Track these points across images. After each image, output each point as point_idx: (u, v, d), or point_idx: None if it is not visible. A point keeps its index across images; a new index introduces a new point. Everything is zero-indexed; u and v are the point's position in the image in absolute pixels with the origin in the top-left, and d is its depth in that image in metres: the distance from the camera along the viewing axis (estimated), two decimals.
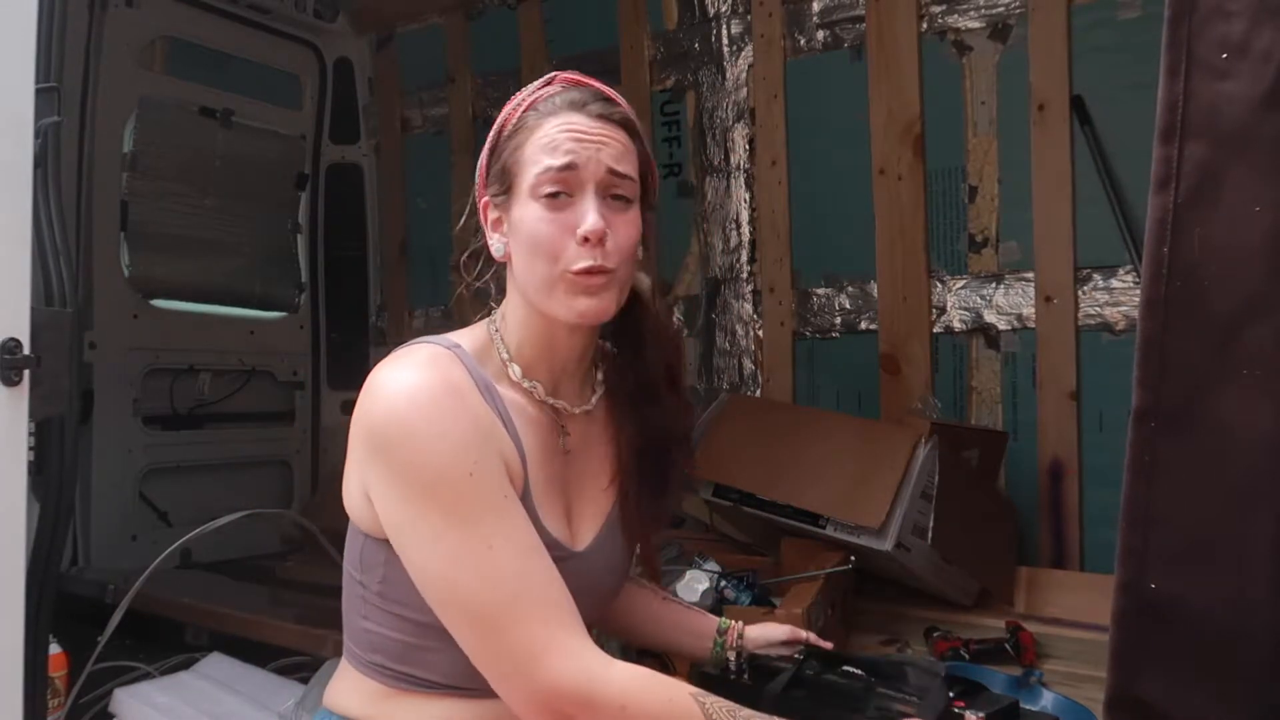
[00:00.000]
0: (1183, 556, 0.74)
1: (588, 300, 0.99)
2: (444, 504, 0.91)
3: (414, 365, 0.97)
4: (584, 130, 1.01)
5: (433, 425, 0.92)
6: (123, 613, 1.91)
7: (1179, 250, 0.74)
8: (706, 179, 2.84)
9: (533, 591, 0.91)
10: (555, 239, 0.99)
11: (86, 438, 2.70)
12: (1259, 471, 0.71)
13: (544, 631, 0.90)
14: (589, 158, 1.00)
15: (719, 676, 1.25)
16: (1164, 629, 0.74)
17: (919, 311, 2.46)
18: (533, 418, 1.05)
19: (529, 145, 1.02)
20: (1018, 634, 1.77)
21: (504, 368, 1.06)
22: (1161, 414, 0.74)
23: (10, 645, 1.18)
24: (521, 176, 1.02)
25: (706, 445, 2.20)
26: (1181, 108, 0.74)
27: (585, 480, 1.10)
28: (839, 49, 2.61)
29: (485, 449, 0.95)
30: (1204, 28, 0.74)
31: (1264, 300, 0.71)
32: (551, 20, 3.12)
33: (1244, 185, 0.72)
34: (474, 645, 0.92)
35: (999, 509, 2.19)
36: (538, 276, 1.00)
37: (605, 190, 1.01)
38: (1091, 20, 2.21)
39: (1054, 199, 2.26)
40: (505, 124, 1.06)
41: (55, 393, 1.24)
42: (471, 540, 0.91)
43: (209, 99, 3.12)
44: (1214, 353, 0.72)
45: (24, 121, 1.20)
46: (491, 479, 0.94)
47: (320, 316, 3.47)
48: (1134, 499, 0.76)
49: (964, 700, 1.08)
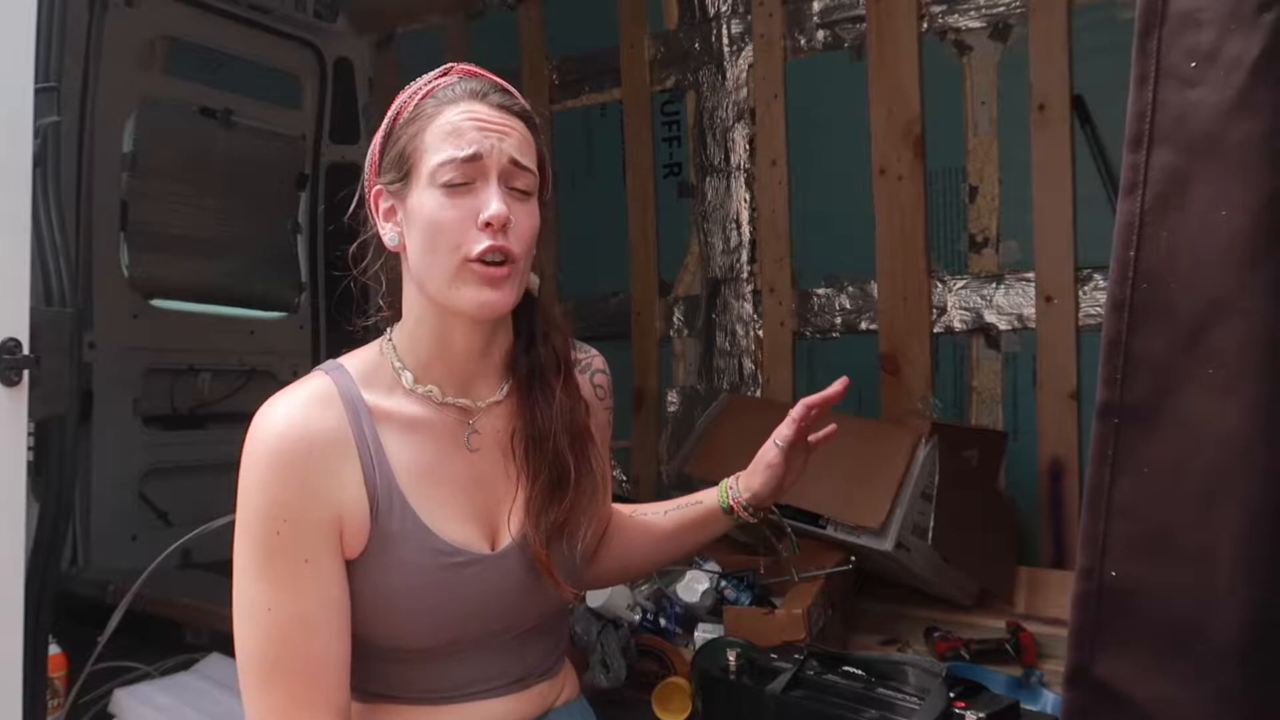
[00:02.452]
0: (1143, 546, 0.76)
1: (490, 292, 0.98)
2: (248, 552, 0.95)
3: (282, 408, 0.99)
4: (486, 119, 1.00)
5: (259, 475, 0.95)
6: (122, 613, 1.91)
7: (1145, 254, 0.76)
8: (706, 179, 2.84)
9: (293, 662, 0.93)
10: (457, 226, 0.97)
11: (86, 438, 2.69)
12: (1221, 467, 0.72)
13: (285, 703, 0.93)
14: (492, 147, 0.98)
15: (719, 676, 1.25)
16: (1123, 614, 0.76)
17: (919, 311, 2.46)
18: (426, 422, 1.04)
19: (429, 132, 1.00)
20: (1018, 634, 1.77)
21: (396, 378, 1.05)
22: (1125, 410, 0.76)
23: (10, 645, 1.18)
24: (420, 164, 0.99)
25: (706, 445, 2.20)
26: (1150, 115, 0.76)
27: (501, 478, 1.07)
28: (839, 49, 2.61)
29: (305, 508, 0.94)
30: (1174, 37, 0.75)
31: (1229, 302, 0.72)
32: (551, 20, 3.12)
33: (1210, 190, 0.73)
34: (240, 684, 0.95)
35: (999, 509, 2.19)
36: (438, 266, 0.99)
37: (506, 180, 0.99)
38: (1091, 20, 2.21)
39: (1054, 199, 2.26)
40: (401, 111, 1.04)
41: (55, 393, 1.24)
42: (259, 595, 0.94)
43: (209, 99, 3.11)
44: (1179, 352, 0.74)
45: (24, 121, 1.21)
46: (298, 542, 0.94)
47: (320, 316, 3.47)
48: (1096, 490, 0.77)
49: (964, 700, 1.08)
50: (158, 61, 3.06)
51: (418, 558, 0.99)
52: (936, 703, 1.06)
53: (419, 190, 1.00)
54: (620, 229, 2.96)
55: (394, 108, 1.06)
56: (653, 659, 1.65)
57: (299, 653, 0.93)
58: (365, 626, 0.98)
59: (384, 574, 0.98)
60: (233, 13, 3.10)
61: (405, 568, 0.99)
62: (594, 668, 1.55)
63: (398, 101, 1.06)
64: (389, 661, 1.03)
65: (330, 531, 0.96)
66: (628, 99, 2.97)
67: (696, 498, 1.29)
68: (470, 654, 1.04)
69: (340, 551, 0.97)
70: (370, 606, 0.98)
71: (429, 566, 0.99)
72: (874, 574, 2.03)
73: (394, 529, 0.98)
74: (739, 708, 1.22)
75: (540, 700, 1.10)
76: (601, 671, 1.54)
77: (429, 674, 1.03)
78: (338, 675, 0.95)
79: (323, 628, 0.94)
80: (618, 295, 3.00)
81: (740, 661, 1.25)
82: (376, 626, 0.99)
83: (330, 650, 0.94)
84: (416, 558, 0.99)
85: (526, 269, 1.03)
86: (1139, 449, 0.76)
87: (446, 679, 1.04)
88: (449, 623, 1.01)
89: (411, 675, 1.03)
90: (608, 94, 3.00)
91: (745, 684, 1.22)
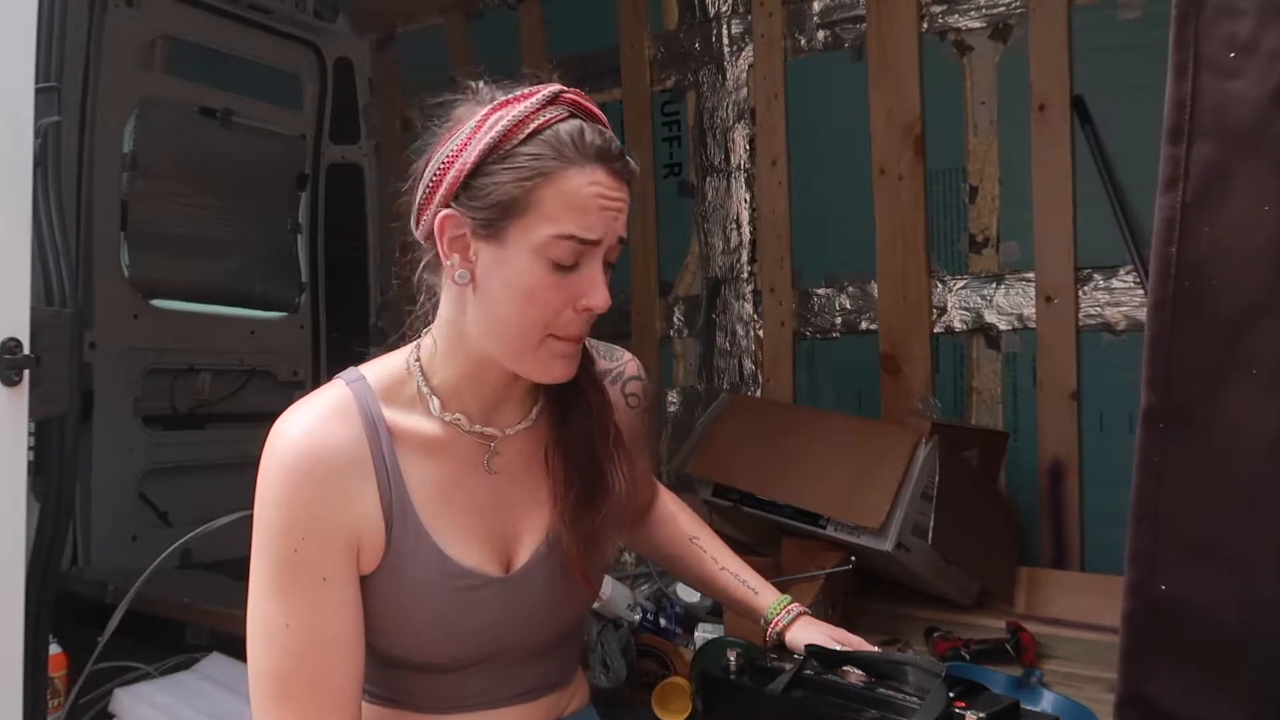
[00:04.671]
0: (1191, 556, 0.74)
1: (563, 365, 0.98)
2: (266, 568, 0.93)
3: (300, 422, 0.96)
4: (611, 196, 0.94)
5: (277, 492, 0.93)
6: (123, 613, 1.91)
7: (1186, 250, 0.73)
8: (707, 179, 2.84)
9: (308, 679, 0.92)
10: (555, 305, 0.95)
11: (86, 438, 2.69)
12: (1267, 470, 0.71)
13: (294, 718, 0.91)
14: (610, 230, 0.94)
15: (719, 676, 1.24)
16: (1172, 629, 0.74)
17: (919, 311, 2.46)
18: (446, 444, 1.02)
19: (548, 192, 0.92)
20: (1018, 634, 1.77)
21: (419, 399, 1.03)
22: (1169, 414, 0.74)
23: (10, 645, 1.18)
24: (530, 223, 0.92)
25: (706, 445, 2.20)
26: (1189, 107, 0.74)
27: (523, 499, 1.06)
28: (839, 49, 2.60)
29: (323, 525, 0.93)
30: (1211, 27, 0.73)
31: (1272, 299, 0.71)
32: (552, 20, 3.12)
33: (1252, 184, 0.72)
34: (253, 700, 0.94)
35: (999, 509, 2.19)
36: (517, 334, 0.96)
37: (608, 257, 0.97)
38: (1092, 20, 2.21)
39: (1054, 199, 2.26)
40: (502, 142, 0.93)
41: (55, 393, 1.24)
42: (275, 611, 0.93)
43: (209, 99, 3.11)
44: (1222, 352, 0.72)
45: (24, 121, 1.21)
46: (315, 559, 0.93)
47: (320, 316, 3.47)
48: (1143, 499, 0.76)
49: (964, 700, 1.08)
50: (158, 61, 3.06)
51: (429, 578, 0.98)
52: (936, 702, 1.06)
53: (518, 249, 0.93)
54: None
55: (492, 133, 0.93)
56: (653, 659, 1.65)
57: (315, 669, 0.92)
58: (375, 639, 0.98)
59: (395, 592, 0.98)
60: (233, 13, 3.10)
61: (416, 587, 0.98)
62: (594, 668, 1.55)
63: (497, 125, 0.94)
64: (398, 670, 1.03)
65: (348, 548, 0.95)
66: (628, 99, 2.97)
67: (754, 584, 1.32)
68: (481, 669, 1.03)
69: (356, 568, 0.96)
70: (380, 621, 0.98)
71: (440, 587, 0.99)
72: (874, 574, 2.03)
73: (407, 549, 0.98)
74: (739, 708, 1.21)
75: (549, 710, 1.10)
76: (601, 671, 1.54)
77: (438, 684, 1.03)
78: (352, 692, 0.95)
79: (339, 644, 0.94)
80: (618, 295, 2.99)
81: (740, 661, 1.24)
82: (386, 640, 0.99)
83: (346, 667, 0.94)
84: (427, 578, 0.98)
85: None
86: (1184, 455, 0.74)
87: (456, 690, 1.04)
88: (458, 641, 1.00)
89: (420, 685, 1.03)
90: (608, 94, 3.00)
91: (745, 684, 1.22)
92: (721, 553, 1.35)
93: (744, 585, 1.32)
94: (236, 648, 2.01)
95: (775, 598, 1.31)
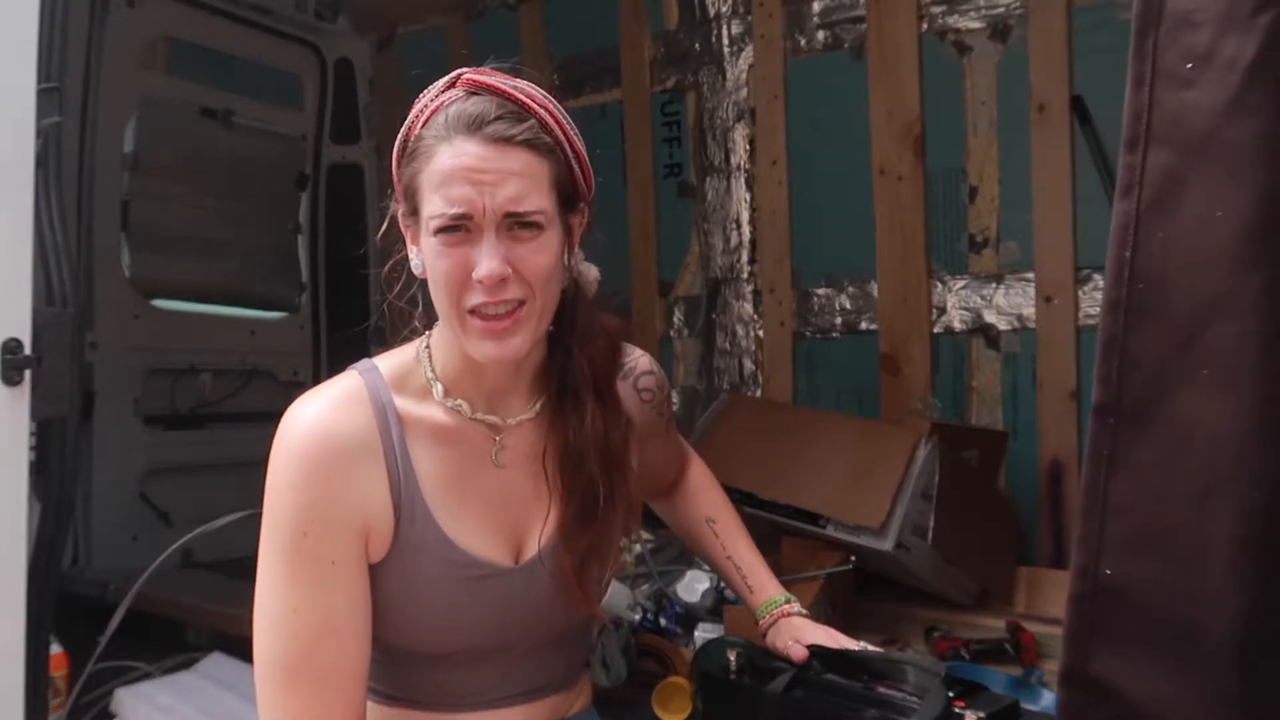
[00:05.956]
0: (1138, 546, 0.76)
1: (493, 345, 0.96)
2: (276, 553, 0.94)
3: (312, 409, 0.97)
4: (478, 166, 0.91)
5: (289, 477, 0.94)
6: (123, 613, 1.91)
7: (1141, 254, 0.76)
8: (707, 179, 2.84)
9: (317, 665, 0.92)
10: (453, 277, 0.94)
11: (87, 438, 2.69)
12: (1215, 467, 0.72)
13: (306, 704, 0.92)
14: (484, 204, 0.91)
15: (719, 676, 1.25)
16: (1116, 613, 0.77)
17: (919, 312, 2.46)
18: (453, 433, 1.03)
19: (425, 175, 0.94)
20: (1018, 634, 1.77)
21: (428, 387, 1.04)
22: (1120, 410, 0.77)
23: (11, 645, 1.18)
24: (421, 207, 0.95)
25: (706, 445, 2.20)
26: (1146, 116, 0.76)
27: (530, 493, 1.06)
28: (839, 49, 2.61)
29: (333, 510, 0.94)
30: (1170, 38, 0.76)
31: (1225, 302, 0.72)
32: (552, 21, 3.12)
33: (1207, 191, 0.73)
34: (255, 685, 0.94)
35: (999, 509, 2.19)
36: (444, 314, 0.98)
37: (506, 229, 0.93)
38: (1091, 21, 2.21)
39: (1054, 199, 2.26)
40: (410, 133, 0.98)
41: (56, 393, 1.24)
42: (284, 596, 0.93)
43: (210, 99, 3.11)
44: (1175, 352, 0.74)
45: (25, 122, 1.21)
46: (325, 544, 0.93)
47: (320, 316, 3.47)
48: (1091, 489, 0.78)
49: (964, 700, 1.08)
50: (158, 62, 3.06)
51: (437, 568, 0.99)
52: (936, 702, 1.06)
53: (425, 233, 0.96)
54: (620, 229, 2.96)
55: (406, 123, 0.99)
56: (653, 659, 1.65)
57: (324, 655, 0.93)
58: (382, 629, 0.98)
59: (403, 580, 0.98)
60: (233, 13, 3.10)
61: (424, 577, 0.98)
62: (594, 668, 1.55)
63: (410, 115, 0.99)
64: (404, 665, 1.03)
65: (357, 534, 0.96)
66: (628, 99, 2.97)
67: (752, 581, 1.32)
68: (487, 663, 1.04)
69: (365, 555, 0.97)
70: (388, 610, 0.98)
71: (448, 577, 0.99)
72: (874, 574, 2.03)
73: (415, 538, 0.98)
74: (739, 708, 1.22)
75: (552, 711, 1.11)
76: (601, 671, 1.54)
77: (444, 680, 1.03)
78: (358, 678, 0.95)
79: (347, 631, 0.94)
80: (618, 295, 3.00)
81: (740, 661, 1.25)
82: (393, 630, 0.99)
83: (353, 653, 0.94)
84: (435, 568, 0.99)
85: (547, 302, 0.98)
86: (1134, 449, 0.76)
87: (461, 686, 1.04)
88: (465, 631, 1.01)
89: (426, 680, 1.04)
90: (608, 94, 3.01)
91: (745, 684, 1.22)
92: (733, 540, 1.34)
93: (743, 581, 1.32)
94: (237, 647, 2.03)
95: (767, 598, 1.30)
